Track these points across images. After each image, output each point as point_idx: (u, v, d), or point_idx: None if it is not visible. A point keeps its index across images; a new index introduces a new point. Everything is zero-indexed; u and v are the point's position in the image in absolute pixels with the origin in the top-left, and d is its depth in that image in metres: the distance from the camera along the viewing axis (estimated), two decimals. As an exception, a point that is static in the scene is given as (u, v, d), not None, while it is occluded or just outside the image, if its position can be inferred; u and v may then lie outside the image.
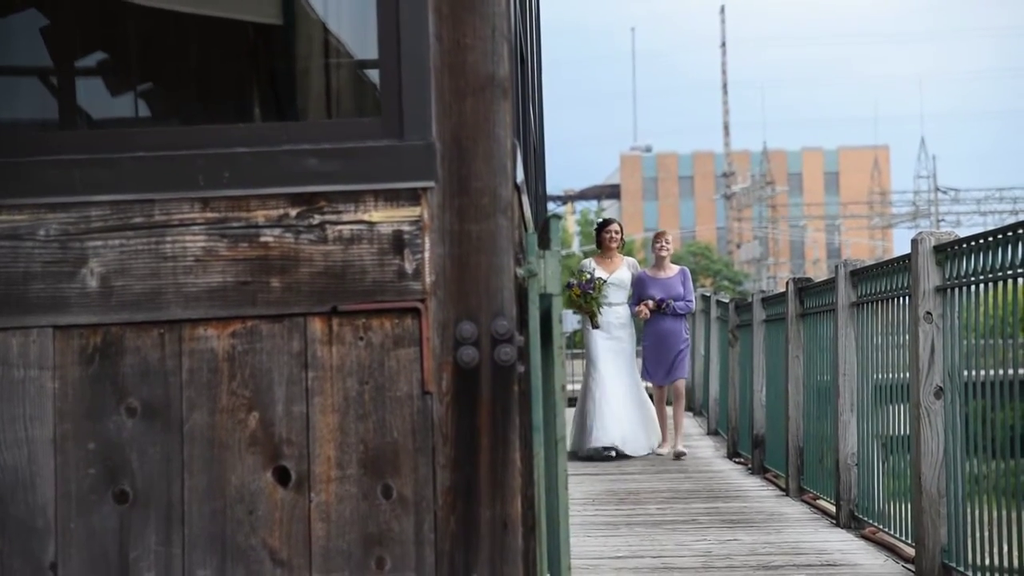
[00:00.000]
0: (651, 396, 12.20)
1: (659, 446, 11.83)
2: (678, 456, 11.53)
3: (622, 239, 12.06)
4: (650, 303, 11.70)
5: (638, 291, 11.87)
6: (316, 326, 2.66)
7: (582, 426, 11.70)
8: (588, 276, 11.43)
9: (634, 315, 11.83)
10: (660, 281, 11.86)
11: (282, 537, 2.63)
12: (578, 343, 26.37)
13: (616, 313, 11.68)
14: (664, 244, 11.95)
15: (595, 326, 11.41)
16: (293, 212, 2.67)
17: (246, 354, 2.65)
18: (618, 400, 11.53)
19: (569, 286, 11.26)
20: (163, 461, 2.64)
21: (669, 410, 12.15)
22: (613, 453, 11.44)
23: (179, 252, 2.66)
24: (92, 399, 2.64)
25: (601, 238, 12.03)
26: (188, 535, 2.63)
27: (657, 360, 11.89)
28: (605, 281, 11.52)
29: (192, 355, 2.65)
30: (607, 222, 12.19)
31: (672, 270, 12.02)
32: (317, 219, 2.67)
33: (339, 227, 2.67)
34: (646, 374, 12.02)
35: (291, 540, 2.63)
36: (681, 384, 12.15)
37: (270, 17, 3.22)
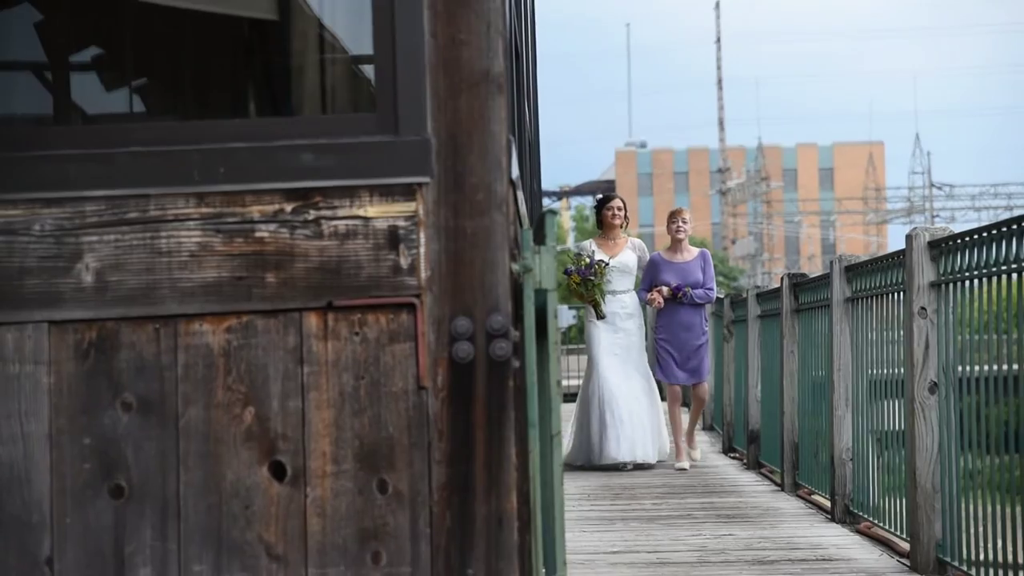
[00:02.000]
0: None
1: (677, 460, 10.31)
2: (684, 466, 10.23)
3: (626, 216, 10.49)
4: (664, 290, 10.21)
5: (651, 276, 10.38)
6: (311, 321, 2.66)
7: (589, 439, 10.18)
8: (587, 260, 9.99)
9: (645, 303, 10.39)
10: (677, 265, 10.36)
11: (278, 532, 2.63)
12: (573, 339, 25.47)
13: (621, 302, 10.23)
14: (681, 224, 10.39)
15: (600, 316, 10.04)
16: (288, 207, 2.67)
17: (241, 349, 2.65)
18: (628, 406, 10.05)
19: (567, 273, 9.93)
20: (158, 456, 2.64)
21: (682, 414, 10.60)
22: (630, 466, 10.08)
23: (174, 247, 2.66)
24: (87, 394, 2.64)
25: (602, 215, 10.45)
26: (184, 530, 2.63)
27: (672, 356, 10.36)
28: (607, 264, 10.07)
29: (187, 350, 2.65)
30: (608, 198, 10.60)
31: (691, 253, 10.45)
32: (312, 214, 2.67)
33: (334, 222, 2.67)
34: (659, 372, 10.44)
35: (287, 535, 2.63)
36: (704, 389, 10.80)
37: (265, 12, 3.22)
